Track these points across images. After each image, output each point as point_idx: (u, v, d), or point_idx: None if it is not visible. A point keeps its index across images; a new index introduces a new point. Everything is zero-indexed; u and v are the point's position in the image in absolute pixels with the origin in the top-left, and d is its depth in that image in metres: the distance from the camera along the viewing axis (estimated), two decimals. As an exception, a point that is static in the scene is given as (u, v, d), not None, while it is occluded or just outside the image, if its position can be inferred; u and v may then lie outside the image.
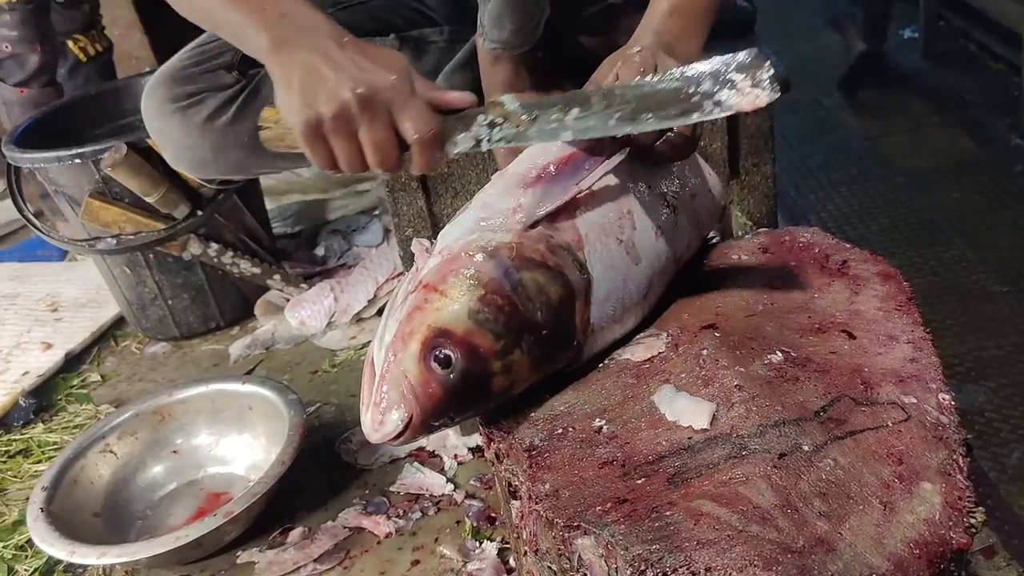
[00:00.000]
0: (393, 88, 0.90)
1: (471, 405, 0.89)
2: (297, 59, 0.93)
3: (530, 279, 0.88)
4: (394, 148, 0.92)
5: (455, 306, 0.86)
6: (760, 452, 0.80)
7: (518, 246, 0.90)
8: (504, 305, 0.86)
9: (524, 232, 0.91)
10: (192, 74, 1.46)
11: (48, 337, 2.10)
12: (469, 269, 0.88)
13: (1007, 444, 1.65)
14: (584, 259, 0.93)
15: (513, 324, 0.87)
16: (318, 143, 0.93)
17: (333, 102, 0.90)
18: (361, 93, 0.89)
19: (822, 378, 0.87)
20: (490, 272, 0.87)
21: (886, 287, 0.99)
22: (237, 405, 1.58)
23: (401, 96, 0.90)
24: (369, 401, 0.87)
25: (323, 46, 0.93)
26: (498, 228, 0.92)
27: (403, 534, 1.38)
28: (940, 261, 2.17)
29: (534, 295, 0.88)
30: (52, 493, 1.43)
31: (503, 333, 0.86)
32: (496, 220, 0.93)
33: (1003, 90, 2.84)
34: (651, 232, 0.99)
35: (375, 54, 0.93)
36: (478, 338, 0.85)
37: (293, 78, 0.92)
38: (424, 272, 0.91)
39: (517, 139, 0.93)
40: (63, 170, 1.83)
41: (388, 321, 0.91)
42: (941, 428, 0.80)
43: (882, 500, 0.74)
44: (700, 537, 0.74)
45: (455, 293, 0.87)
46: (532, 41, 1.33)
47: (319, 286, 2.01)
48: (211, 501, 1.52)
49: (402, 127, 0.91)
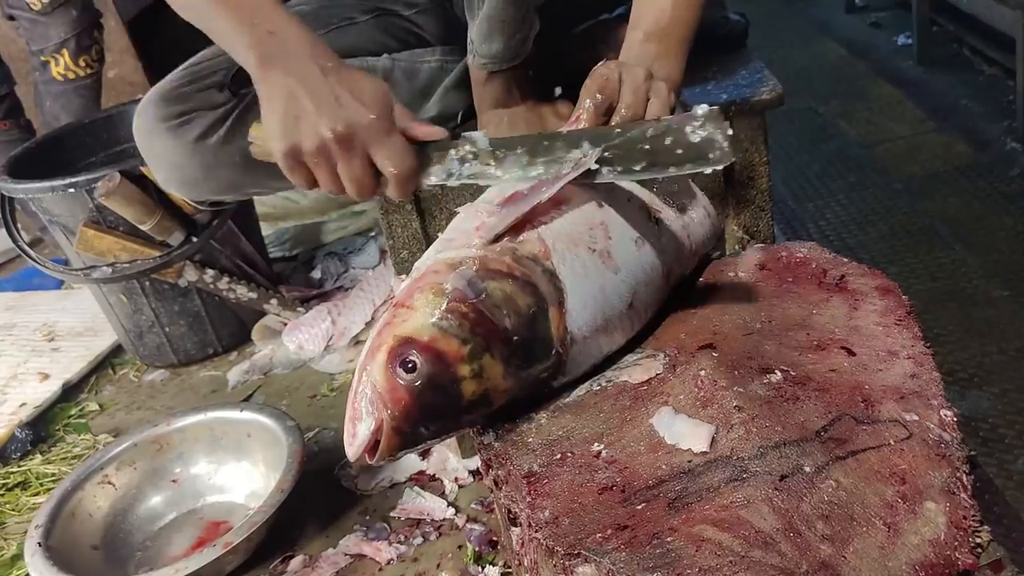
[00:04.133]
0: (371, 127, 0.94)
1: (444, 412, 0.89)
2: (281, 83, 0.95)
3: (496, 288, 0.89)
4: (371, 180, 0.97)
5: (420, 316, 0.88)
6: (761, 474, 0.79)
7: (481, 259, 0.91)
8: (468, 312, 0.87)
9: (487, 246, 0.93)
10: (184, 93, 1.46)
11: (45, 367, 2.09)
12: (433, 282, 0.89)
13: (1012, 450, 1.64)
14: (553, 268, 0.93)
15: (480, 330, 0.87)
16: (297, 168, 0.97)
17: (313, 137, 0.93)
18: (340, 132, 0.93)
19: (822, 397, 0.86)
20: (454, 283, 0.89)
21: (885, 301, 0.98)
22: (235, 433, 1.57)
23: (379, 134, 0.95)
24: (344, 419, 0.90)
25: (307, 72, 0.95)
26: (462, 246, 0.94)
27: (404, 560, 1.36)
28: (940, 267, 2.16)
29: (501, 303, 0.89)
30: (50, 527, 1.41)
31: (469, 338, 0.87)
32: (460, 239, 0.96)
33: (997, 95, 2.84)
34: (631, 242, 0.99)
35: (357, 86, 0.96)
36: (443, 344, 0.86)
37: (276, 103, 0.95)
38: (396, 294, 0.94)
39: (484, 177, 0.99)
40: (57, 200, 1.83)
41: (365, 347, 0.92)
42: (944, 445, 0.79)
43: (886, 521, 0.73)
44: (702, 564, 0.72)
45: (420, 304, 0.88)
46: (522, 56, 1.33)
47: (316, 310, 2.00)
48: (211, 530, 1.51)
49: (379, 163, 0.96)
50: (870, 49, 3.47)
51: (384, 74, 1.51)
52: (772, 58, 3.34)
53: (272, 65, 0.97)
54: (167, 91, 1.46)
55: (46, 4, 2.30)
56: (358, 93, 0.95)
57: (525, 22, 1.29)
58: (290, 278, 2.23)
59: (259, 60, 0.97)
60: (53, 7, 2.31)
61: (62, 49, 2.36)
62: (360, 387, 0.87)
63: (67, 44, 2.35)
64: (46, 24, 2.33)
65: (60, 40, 2.35)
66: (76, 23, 2.35)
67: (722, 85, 1.47)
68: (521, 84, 1.38)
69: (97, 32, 2.43)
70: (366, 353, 0.89)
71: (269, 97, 0.96)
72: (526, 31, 1.31)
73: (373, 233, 2.35)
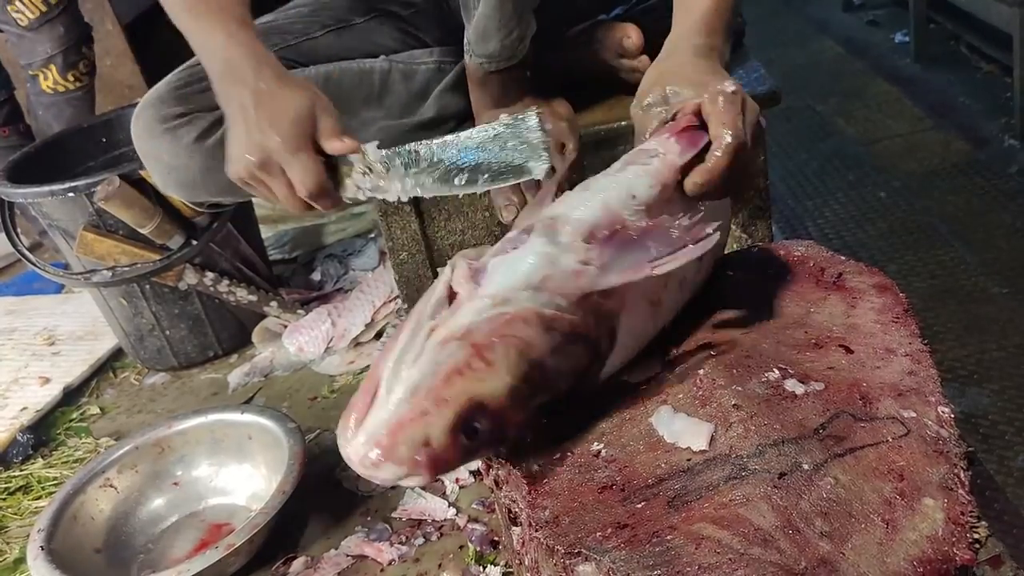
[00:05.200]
0: (279, 149, 1.04)
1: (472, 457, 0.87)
2: (229, 112, 1.09)
3: (572, 352, 0.86)
4: (298, 199, 1.07)
5: (497, 381, 0.82)
6: (760, 472, 0.79)
7: (571, 320, 0.85)
8: (540, 382, 0.84)
9: (582, 300, 0.86)
10: (181, 95, 1.46)
11: (46, 371, 2.09)
12: (521, 341, 0.83)
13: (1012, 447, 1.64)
14: (617, 326, 0.89)
15: (540, 396, 0.86)
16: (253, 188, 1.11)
17: (243, 163, 1.07)
18: (256, 155, 1.05)
19: (820, 395, 0.86)
20: (540, 348, 0.84)
21: (883, 299, 0.98)
22: (236, 435, 1.57)
23: (286, 155, 1.04)
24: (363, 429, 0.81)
25: (242, 100, 1.07)
26: (557, 292, 0.86)
27: (406, 561, 1.36)
28: (939, 264, 2.16)
29: (567, 369, 0.86)
30: (52, 530, 1.42)
31: (529, 404, 0.85)
32: (557, 282, 0.86)
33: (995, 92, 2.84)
34: (677, 285, 0.95)
35: (279, 109, 1.06)
36: (510, 413, 0.83)
37: (228, 129, 1.10)
38: (471, 317, 0.84)
39: (379, 191, 1.06)
40: (56, 204, 1.83)
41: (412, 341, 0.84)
42: (941, 442, 0.79)
43: (884, 518, 0.73)
44: (701, 561, 0.73)
45: (501, 365, 0.82)
46: (519, 56, 1.33)
47: (316, 311, 2.00)
48: (213, 533, 1.51)
49: (292, 182, 1.06)
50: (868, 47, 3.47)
51: (381, 76, 1.52)
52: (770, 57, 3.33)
53: (225, 93, 1.10)
54: (165, 93, 1.46)
55: (32, 20, 2.28)
56: (277, 116, 1.05)
57: (522, 22, 1.29)
58: (290, 280, 2.24)
59: (218, 89, 1.12)
60: (39, 23, 2.29)
61: (49, 64, 2.35)
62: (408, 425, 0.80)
63: (54, 60, 2.34)
64: (32, 40, 2.32)
65: (47, 56, 2.34)
66: (63, 39, 2.34)
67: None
68: (518, 84, 1.38)
69: (86, 47, 2.42)
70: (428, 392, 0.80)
71: (227, 124, 1.10)
72: (523, 31, 1.31)
73: (372, 235, 2.35)
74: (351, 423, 0.82)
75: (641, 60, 1.44)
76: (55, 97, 2.41)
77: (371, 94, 1.50)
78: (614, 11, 1.58)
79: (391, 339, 0.87)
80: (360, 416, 0.81)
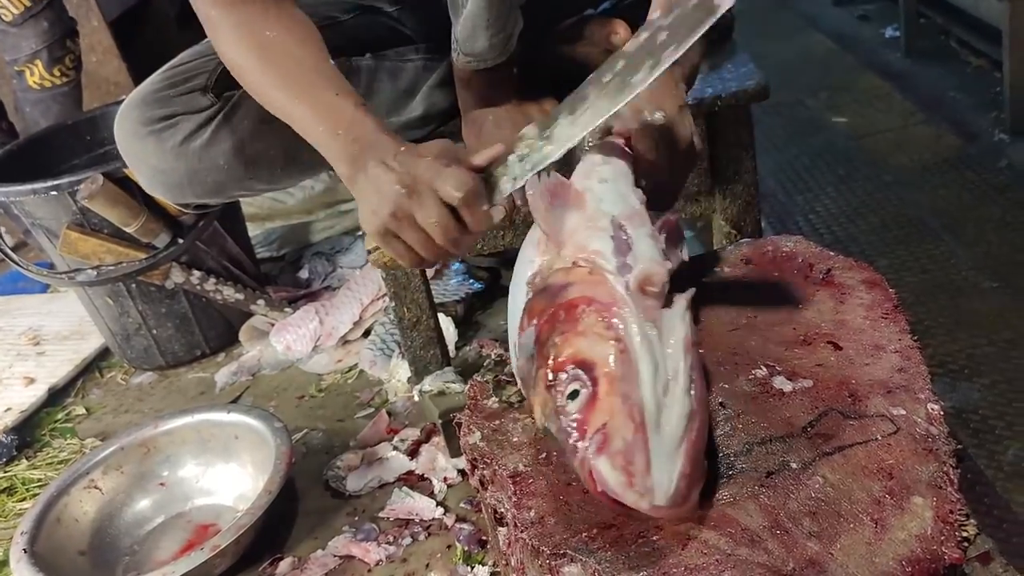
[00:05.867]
0: (428, 167, 0.98)
1: None
2: (365, 180, 1.03)
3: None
4: (450, 220, 0.98)
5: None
6: (747, 471, 0.78)
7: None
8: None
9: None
10: (166, 96, 1.44)
11: (31, 371, 2.07)
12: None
13: (1002, 441, 1.63)
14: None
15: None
16: (392, 242, 1.03)
17: (387, 202, 0.99)
18: (404, 183, 0.98)
19: (809, 392, 0.85)
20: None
21: (872, 295, 0.97)
22: (223, 435, 1.56)
23: (436, 170, 0.97)
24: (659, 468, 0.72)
25: (382, 160, 1.01)
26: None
27: (394, 561, 1.36)
28: (930, 259, 2.15)
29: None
30: (36, 532, 1.41)
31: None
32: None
33: (985, 86, 2.83)
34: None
35: (420, 148, 1.02)
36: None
37: (363, 195, 1.03)
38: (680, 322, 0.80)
39: (540, 160, 0.98)
40: (39, 203, 1.81)
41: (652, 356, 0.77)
42: (931, 440, 0.78)
43: (873, 517, 0.72)
44: (688, 562, 0.72)
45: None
46: (506, 54, 1.32)
47: (304, 310, 1.99)
48: (199, 533, 1.50)
49: (445, 195, 0.97)
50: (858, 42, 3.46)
51: (368, 74, 1.50)
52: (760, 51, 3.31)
53: (358, 167, 1.04)
54: (148, 95, 1.44)
55: (16, 16, 2.26)
56: (416, 151, 1.00)
57: (509, 20, 1.28)
58: (277, 278, 2.22)
59: (349, 168, 1.05)
60: (23, 19, 2.27)
61: (35, 60, 2.33)
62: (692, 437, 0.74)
63: (39, 55, 2.33)
64: (16, 35, 2.30)
65: (32, 51, 2.32)
66: (48, 34, 2.32)
67: (707, 79, 1.46)
68: (506, 82, 1.37)
69: (71, 41, 2.40)
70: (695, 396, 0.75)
71: (360, 194, 1.04)
72: (510, 29, 1.29)
73: (360, 232, 2.34)
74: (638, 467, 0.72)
75: (629, 55, 1.43)
76: (42, 93, 2.39)
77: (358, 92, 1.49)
78: (601, 6, 1.56)
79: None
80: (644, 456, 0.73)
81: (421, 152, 1.00)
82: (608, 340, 0.77)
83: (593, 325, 0.79)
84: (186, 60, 1.47)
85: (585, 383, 0.76)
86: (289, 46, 1.16)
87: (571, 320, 0.81)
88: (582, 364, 0.77)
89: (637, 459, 0.72)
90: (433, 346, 1.64)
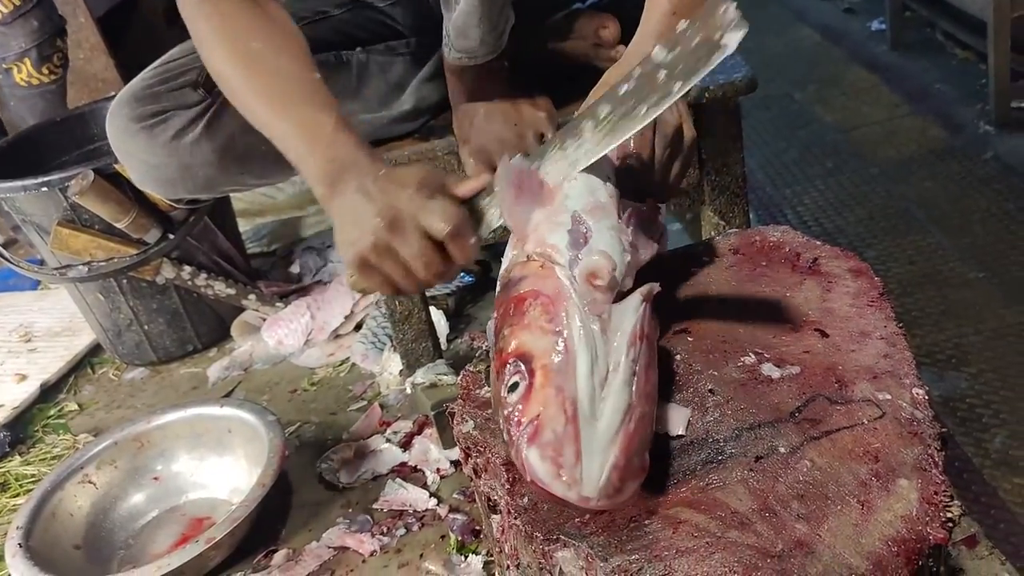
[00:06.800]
0: (411, 199, 0.93)
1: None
2: (342, 203, 0.98)
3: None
4: (434, 253, 0.94)
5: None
6: (737, 456, 0.79)
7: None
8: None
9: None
10: (157, 92, 1.44)
11: (22, 368, 2.07)
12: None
13: (989, 429, 1.65)
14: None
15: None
16: (372, 274, 0.97)
17: (366, 234, 0.94)
18: (385, 216, 0.93)
19: (796, 378, 0.86)
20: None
21: (858, 283, 0.98)
22: (216, 429, 1.57)
23: (420, 203, 0.93)
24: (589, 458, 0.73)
25: (361, 185, 0.97)
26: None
27: (388, 551, 1.36)
28: (917, 250, 2.17)
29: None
30: (31, 527, 1.41)
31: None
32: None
33: (970, 78, 2.85)
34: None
35: (398, 175, 0.97)
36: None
37: (340, 222, 0.98)
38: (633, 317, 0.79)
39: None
40: (30, 199, 1.81)
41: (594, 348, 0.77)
42: (916, 423, 0.80)
43: (859, 499, 0.74)
44: (679, 545, 0.73)
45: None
46: (498, 50, 1.33)
47: (295, 304, 1.99)
48: (194, 527, 1.51)
49: (431, 229, 0.93)
50: (844, 35, 3.48)
51: (358, 68, 1.51)
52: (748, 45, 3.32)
53: (336, 190, 0.99)
54: (139, 91, 1.45)
55: (6, 15, 2.26)
56: (404, 180, 0.96)
57: (502, 16, 1.28)
58: (268, 273, 2.22)
59: (326, 190, 1.00)
60: (13, 17, 2.27)
61: (24, 58, 2.33)
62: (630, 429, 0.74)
63: (28, 54, 2.32)
64: (6, 34, 2.30)
65: (21, 50, 2.32)
66: (37, 33, 2.32)
67: (695, 72, 1.47)
68: (497, 77, 1.37)
69: (60, 40, 2.40)
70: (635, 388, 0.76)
71: (338, 219, 0.99)
72: (502, 25, 1.30)
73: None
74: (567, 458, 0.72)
75: (618, 51, 1.44)
76: (29, 91, 2.38)
77: (348, 87, 1.49)
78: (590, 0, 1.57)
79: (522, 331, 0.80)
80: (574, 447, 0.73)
81: (402, 180, 0.96)
82: (548, 333, 0.78)
83: (537, 319, 0.80)
84: (176, 56, 1.47)
85: (524, 375, 0.77)
86: (273, 57, 1.11)
87: (518, 314, 0.82)
88: (523, 356, 0.78)
89: (567, 450, 0.72)
90: (425, 339, 1.65)
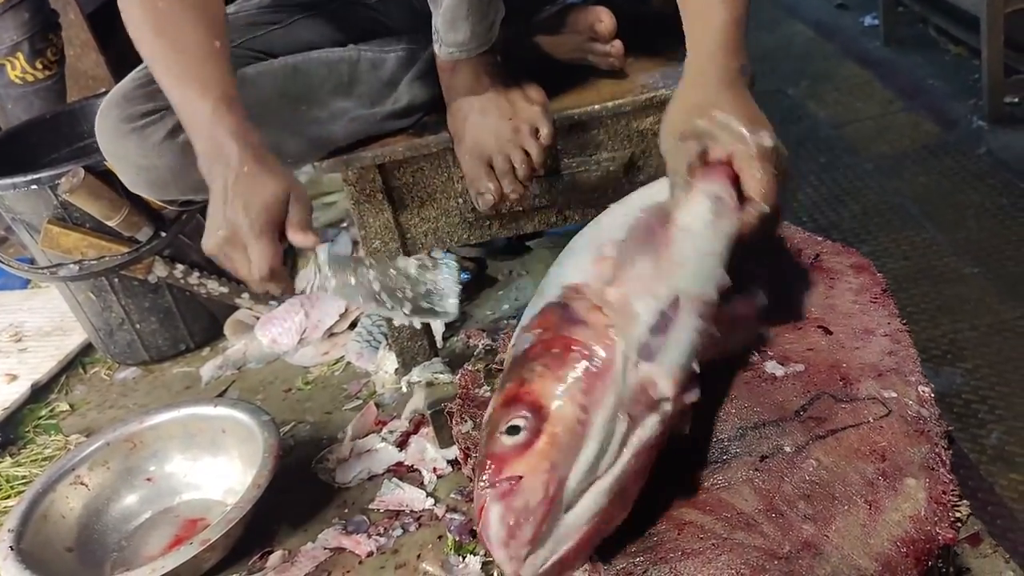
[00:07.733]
0: (245, 230, 1.08)
1: None
2: (212, 192, 1.12)
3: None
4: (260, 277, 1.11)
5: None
6: (741, 456, 0.79)
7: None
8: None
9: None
10: (148, 92, 1.42)
11: (13, 368, 2.05)
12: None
13: (985, 425, 1.65)
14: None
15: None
16: (218, 261, 1.14)
17: (216, 234, 1.11)
18: (227, 234, 1.09)
19: (801, 376, 0.86)
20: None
21: (860, 279, 0.98)
22: (210, 429, 1.55)
23: (251, 237, 1.08)
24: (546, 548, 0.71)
25: (225, 178, 1.10)
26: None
27: (384, 552, 1.35)
28: (912, 245, 2.17)
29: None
30: (22, 530, 1.39)
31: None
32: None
33: (963, 74, 2.85)
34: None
35: (254, 191, 1.09)
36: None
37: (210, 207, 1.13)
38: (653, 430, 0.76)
39: (321, 290, 1.14)
40: (19, 197, 1.79)
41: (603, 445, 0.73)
42: (922, 421, 0.79)
43: (867, 499, 0.73)
44: (685, 547, 0.72)
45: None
46: (488, 43, 1.31)
47: (289, 303, 1.98)
48: (188, 528, 1.49)
49: (252, 263, 1.10)
50: (837, 30, 3.48)
51: (350, 65, 1.49)
52: (740, 41, 3.32)
53: (209, 170, 1.13)
54: (129, 91, 1.42)
55: None
56: (251, 199, 1.08)
57: (491, 8, 1.27)
58: (262, 272, 2.21)
59: (202, 163, 1.14)
60: (3, 9, 2.24)
61: (16, 52, 2.30)
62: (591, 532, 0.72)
63: (20, 47, 2.30)
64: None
65: (13, 43, 2.29)
66: (28, 26, 2.29)
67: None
68: (489, 71, 1.36)
69: (53, 34, 2.37)
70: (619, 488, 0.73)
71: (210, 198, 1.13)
72: (492, 17, 1.29)
73: (345, 224, 2.33)
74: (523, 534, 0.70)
75: (613, 44, 1.43)
76: (24, 88, 2.36)
77: (340, 84, 1.48)
78: (584, -7, 1.56)
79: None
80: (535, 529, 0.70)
81: (247, 203, 1.08)
82: (574, 405, 0.73)
83: (573, 380, 0.75)
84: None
85: (529, 429, 0.73)
86: (177, 19, 1.16)
87: (559, 359, 0.76)
88: (538, 409, 0.74)
89: (527, 528, 0.69)
90: (420, 337, 1.64)
